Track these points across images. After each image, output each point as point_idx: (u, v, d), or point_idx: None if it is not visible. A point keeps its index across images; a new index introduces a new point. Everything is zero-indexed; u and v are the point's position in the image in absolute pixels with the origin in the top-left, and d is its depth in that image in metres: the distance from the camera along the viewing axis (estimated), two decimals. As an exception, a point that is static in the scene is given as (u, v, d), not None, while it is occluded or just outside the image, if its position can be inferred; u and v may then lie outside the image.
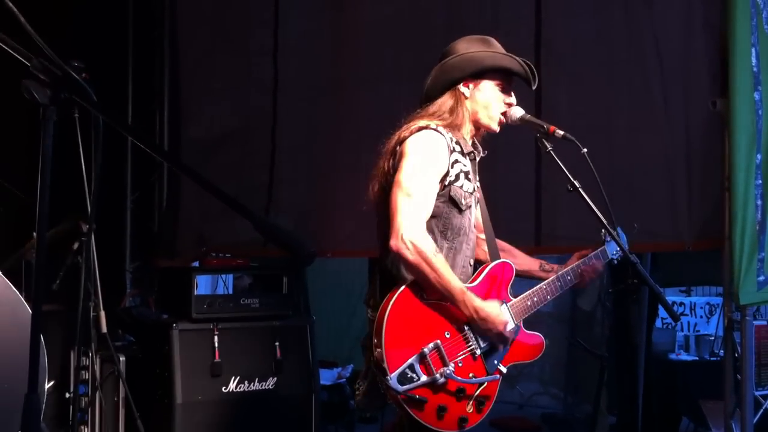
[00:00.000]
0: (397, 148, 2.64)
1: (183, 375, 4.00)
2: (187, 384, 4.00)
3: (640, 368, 4.72)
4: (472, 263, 2.77)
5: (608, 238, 2.96)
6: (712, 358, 5.37)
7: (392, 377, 2.40)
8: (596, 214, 2.68)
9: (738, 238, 3.65)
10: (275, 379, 4.21)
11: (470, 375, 2.54)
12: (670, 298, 2.90)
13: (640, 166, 4.07)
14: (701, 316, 6.37)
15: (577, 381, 6.63)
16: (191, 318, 4.12)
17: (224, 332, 4.13)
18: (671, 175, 4.02)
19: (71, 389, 3.97)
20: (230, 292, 5.02)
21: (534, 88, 2.76)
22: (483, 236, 2.88)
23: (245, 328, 4.24)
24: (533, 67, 2.75)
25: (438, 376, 2.45)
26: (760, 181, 3.74)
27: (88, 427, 4.16)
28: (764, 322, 3.99)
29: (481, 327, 2.54)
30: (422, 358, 2.46)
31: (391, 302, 2.47)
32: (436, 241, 2.58)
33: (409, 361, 2.44)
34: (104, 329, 3.90)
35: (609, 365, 5.14)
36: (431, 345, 2.48)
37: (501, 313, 2.60)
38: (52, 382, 3.90)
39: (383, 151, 2.71)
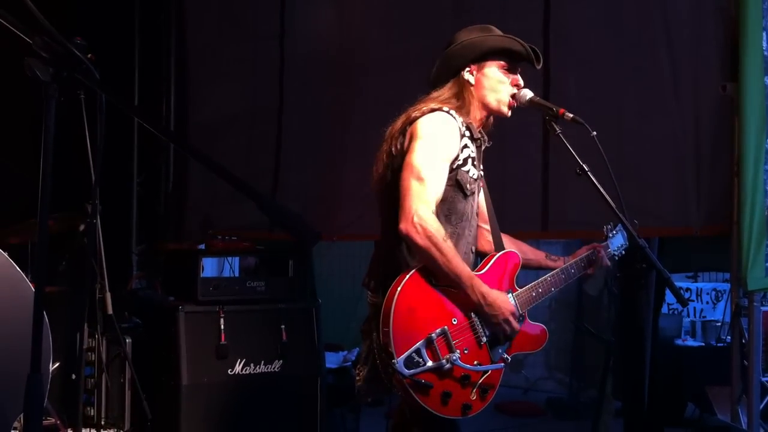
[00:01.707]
0: (407, 127, 2.61)
1: (189, 357, 4.01)
2: (193, 366, 4.01)
3: (646, 354, 4.70)
4: (474, 250, 2.75)
5: (611, 234, 2.97)
6: (718, 344, 5.37)
7: (399, 361, 2.39)
8: (605, 197, 2.65)
9: (747, 223, 3.63)
10: (281, 361, 4.22)
11: (475, 362, 2.52)
12: (676, 284, 2.89)
13: (649, 151, 4.04)
14: (708, 302, 6.37)
15: (582, 366, 6.64)
16: (197, 300, 4.12)
17: (230, 315, 4.13)
18: (680, 159, 3.99)
19: (77, 371, 3.98)
20: (236, 274, 5.02)
21: (538, 67, 2.74)
22: (487, 226, 2.86)
23: (251, 310, 4.23)
24: (537, 49, 2.73)
25: (444, 361, 2.44)
26: (770, 166, 3.72)
27: (94, 408, 4.17)
28: (772, 308, 3.98)
29: (488, 313, 2.52)
30: (429, 343, 2.44)
31: (401, 286, 2.45)
32: None
33: (416, 345, 2.42)
34: (110, 311, 3.90)
35: (615, 350, 5.14)
36: (438, 330, 2.46)
37: (508, 300, 2.60)
38: (57, 364, 3.90)
39: (388, 134, 2.69)
